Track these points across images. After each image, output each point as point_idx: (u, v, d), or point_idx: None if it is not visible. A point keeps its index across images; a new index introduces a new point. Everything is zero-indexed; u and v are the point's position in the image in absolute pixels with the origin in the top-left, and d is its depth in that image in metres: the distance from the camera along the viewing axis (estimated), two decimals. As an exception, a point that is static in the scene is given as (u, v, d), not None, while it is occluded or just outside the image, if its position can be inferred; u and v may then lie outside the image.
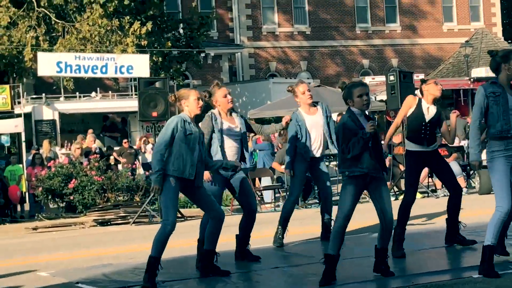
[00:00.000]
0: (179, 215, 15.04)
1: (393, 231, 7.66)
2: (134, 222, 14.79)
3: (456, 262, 8.02)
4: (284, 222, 9.63)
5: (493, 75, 6.95)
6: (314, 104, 9.67)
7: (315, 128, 9.53)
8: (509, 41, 43.62)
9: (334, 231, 6.91)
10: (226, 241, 8.62)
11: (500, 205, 6.59)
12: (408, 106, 8.69)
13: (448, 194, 8.73)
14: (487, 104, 6.71)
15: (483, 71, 34.29)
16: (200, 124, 8.25)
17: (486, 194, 15.39)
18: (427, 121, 8.54)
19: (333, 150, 9.71)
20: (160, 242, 7.28)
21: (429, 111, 8.60)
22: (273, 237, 9.60)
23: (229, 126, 8.54)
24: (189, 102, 7.57)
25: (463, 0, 41.44)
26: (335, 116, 21.13)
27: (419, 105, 8.62)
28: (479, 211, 11.47)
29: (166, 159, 7.35)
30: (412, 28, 40.53)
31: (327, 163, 15.17)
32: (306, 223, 12.01)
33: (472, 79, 31.84)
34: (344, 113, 7.31)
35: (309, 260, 8.19)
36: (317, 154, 9.60)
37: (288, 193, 10.50)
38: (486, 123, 6.82)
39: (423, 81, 8.87)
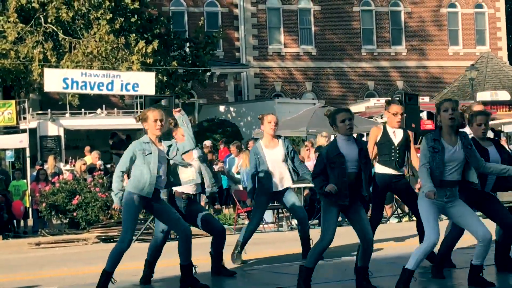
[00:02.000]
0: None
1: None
2: (137, 240, 14.77)
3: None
4: (242, 246, 9.80)
5: (498, 98, 7.16)
6: (278, 136, 9.76)
7: (275, 163, 9.61)
8: (515, 65, 43.70)
9: (317, 250, 7.25)
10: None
11: (428, 235, 6.98)
12: (374, 137, 8.99)
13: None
14: (430, 153, 7.05)
15: (488, 95, 34.37)
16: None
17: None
18: (395, 145, 8.84)
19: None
20: (114, 258, 7.63)
21: (396, 135, 8.88)
22: (231, 256, 9.72)
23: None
24: (148, 124, 7.65)
25: (469, 24, 41.58)
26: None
27: (384, 131, 8.92)
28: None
29: (130, 180, 7.61)
30: (417, 51, 40.64)
31: None
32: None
33: (477, 103, 31.84)
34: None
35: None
36: (279, 187, 9.70)
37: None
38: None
39: (387, 103, 9.09)
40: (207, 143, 21.63)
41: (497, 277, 7.90)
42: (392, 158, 8.84)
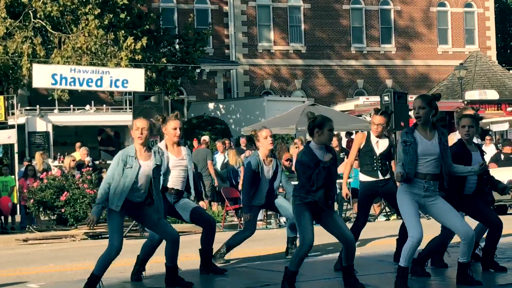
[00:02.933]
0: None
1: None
2: (124, 236, 14.73)
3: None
4: (228, 248, 9.75)
5: (487, 97, 7.19)
6: (272, 155, 9.74)
7: (267, 179, 9.59)
8: (503, 64, 43.85)
9: (300, 255, 7.31)
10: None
11: (412, 235, 7.02)
12: (358, 144, 9.22)
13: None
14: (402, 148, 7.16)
15: (476, 94, 34.46)
16: None
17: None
18: (377, 154, 9.06)
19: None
20: (104, 263, 7.55)
21: (379, 145, 9.10)
22: (214, 254, 9.58)
23: (174, 159, 8.65)
24: (133, 134, 7.61)
25: (458, 23, 41.68)
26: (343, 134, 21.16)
27: (367, 140, 9.13)
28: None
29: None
30: (407, 49, 40.72)
31: None
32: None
33: (465, 102, 31.95)
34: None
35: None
36: (266, 201, 9.65)
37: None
38: None
39: (374, 112, 9.22)
40: (206, 138, 21.58)
41: (483, 276, 7.93)
42: (375, 168, 9.05)
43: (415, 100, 7.17)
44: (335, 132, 20.22)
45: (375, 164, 9.00)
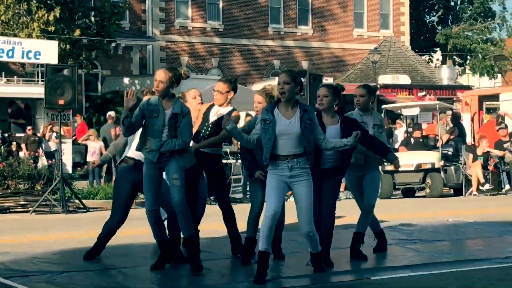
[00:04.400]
0: (82, 206, 14.84)
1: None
2: (34, 211, 14.50)
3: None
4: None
5: (399, 82, 7.08)
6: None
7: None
8: (416, 50, 44.85)
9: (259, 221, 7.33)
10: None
11: (266, 209, 6.68)
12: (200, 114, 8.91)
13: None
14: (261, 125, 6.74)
15: (389, 78, 35.18)
16: None
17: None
18: (210, 123, 8.59)
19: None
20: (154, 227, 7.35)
21: (218, 115, 8.57)
22: None
23: None
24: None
25: (374, 7, 42.33)
26: (244, 115, 21.23)
27: (207, 110, 8.87)
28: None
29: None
30: (323, 32, 41.12)
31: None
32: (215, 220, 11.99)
33: (379, 85, 32.56)
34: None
35: (210, 255, 8.22)
36: None
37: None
38: None
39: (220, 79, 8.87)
40: (112, 113, 21.36)
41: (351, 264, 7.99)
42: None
43: (281, 75, 6.76)
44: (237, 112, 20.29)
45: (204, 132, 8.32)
